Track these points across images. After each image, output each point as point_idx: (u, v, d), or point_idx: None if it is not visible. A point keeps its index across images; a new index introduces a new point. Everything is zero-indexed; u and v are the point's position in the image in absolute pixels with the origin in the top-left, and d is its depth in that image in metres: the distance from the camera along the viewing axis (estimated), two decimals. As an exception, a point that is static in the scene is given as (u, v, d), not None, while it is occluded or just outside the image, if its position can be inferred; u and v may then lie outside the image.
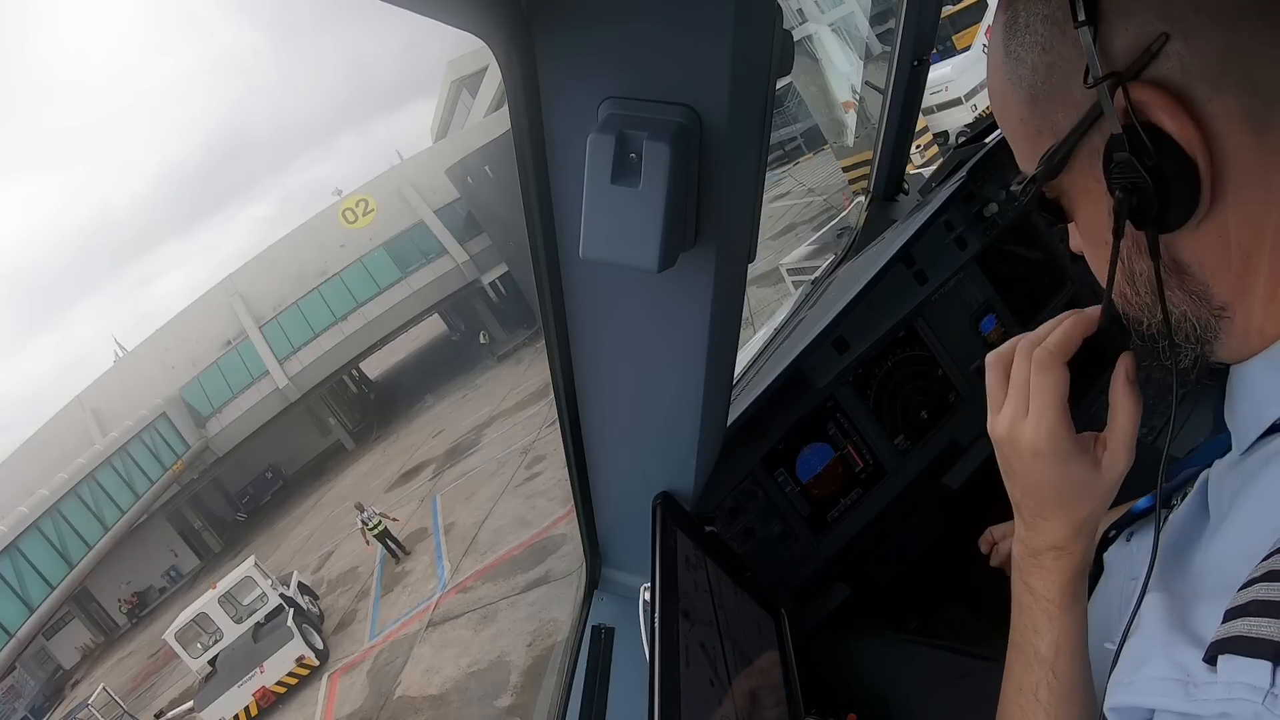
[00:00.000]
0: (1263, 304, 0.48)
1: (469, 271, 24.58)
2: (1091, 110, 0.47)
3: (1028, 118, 0.52)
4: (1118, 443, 0.60)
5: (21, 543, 18.58)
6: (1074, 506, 0.60)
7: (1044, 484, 0.60)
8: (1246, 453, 0.52)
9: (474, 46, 1.08)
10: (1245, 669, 0.39)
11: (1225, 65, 0.43)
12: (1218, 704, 0.41)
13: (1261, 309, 0.48)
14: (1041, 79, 0.50)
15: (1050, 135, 0.51)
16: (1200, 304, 0.50)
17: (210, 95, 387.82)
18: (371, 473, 20.63)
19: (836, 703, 1.24)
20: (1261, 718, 0.38)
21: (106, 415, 22.91)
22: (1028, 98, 0.51)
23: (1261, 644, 0.39)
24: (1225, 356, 0.52)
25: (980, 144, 1.80)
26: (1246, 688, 0.39)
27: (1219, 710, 0.41)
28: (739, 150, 0.64)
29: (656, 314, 0.79)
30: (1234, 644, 0.40)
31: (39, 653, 21.00)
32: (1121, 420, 0.60)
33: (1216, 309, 0.49)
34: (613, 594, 1.28)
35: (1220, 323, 0.50)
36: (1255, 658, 0.39)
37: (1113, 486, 0.60)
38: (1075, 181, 0.52)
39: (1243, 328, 0.49)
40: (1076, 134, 0.48)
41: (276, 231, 33.51)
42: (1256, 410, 0.50)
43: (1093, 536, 0.62)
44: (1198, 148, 0.44)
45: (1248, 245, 0.47)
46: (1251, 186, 0.45)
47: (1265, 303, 0.48)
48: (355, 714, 9.02)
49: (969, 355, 1.67)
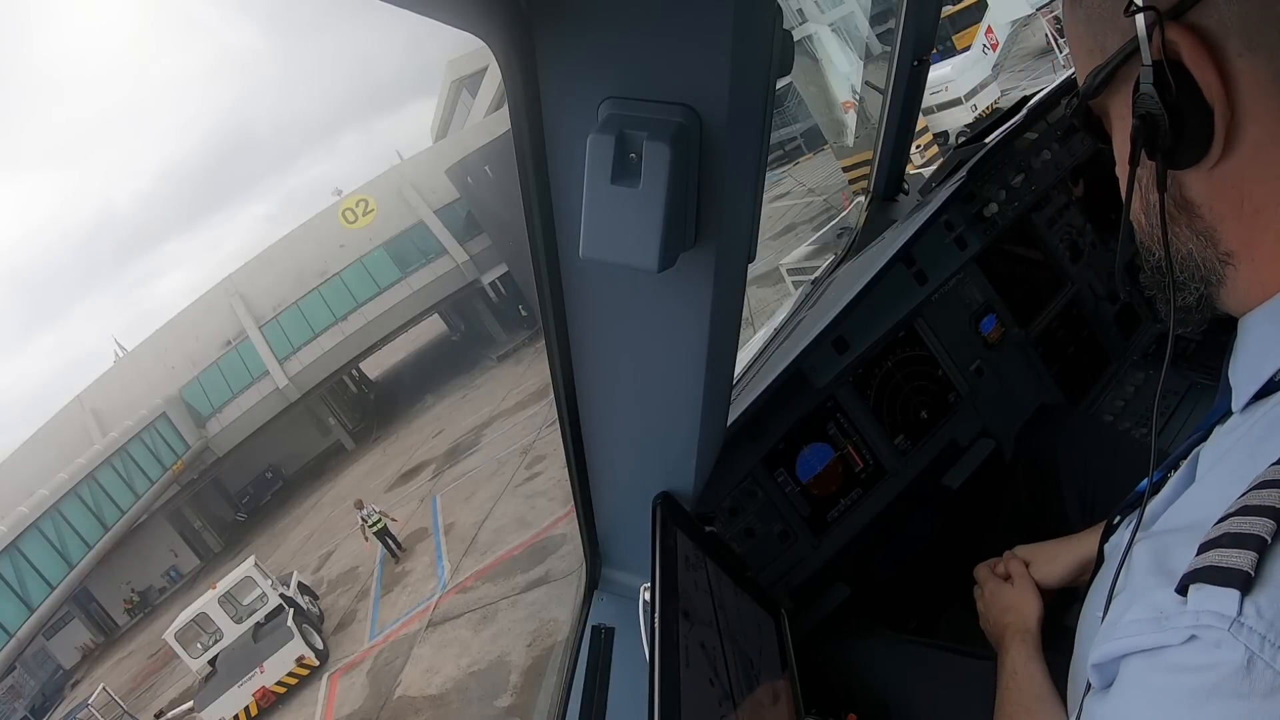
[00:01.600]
0: (1269, 260, 0.50)
1: (469, 271, 24.56)
2: (1131, 40, 0.49)
3: (1083, 36, 0.55)
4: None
5: (21, 543, 18.56)
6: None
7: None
8: (1244, 412, 0.53)
9: (474, 46, 1.08)
10: (1214, 597, 0.40)
11: (1264, 26, 0.45)
12: (1185, 630, 0.41)
13: (1268, 264, 0.50)
14: (1098, 2, 0.52)
15: (1099, 56, 0.53)
16: (1207, 245, 0.52)
17: (212, 93, 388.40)
18: (371, 473, 20.63)
19: (836, 703, 1.24)
20: (1224, 644, 0.39)
21: (106, 415, 22.89)
22: (1084, 17, 0.54)
23: (1231, 573, 0.40)
24: (1232, 306, 0.54)
25: (980, 144, 1.80)
26: (1214, 615, 0.40)
27: (1187, 635, 0.41)
28: (739, 150, 0.64)
29: (656, 314, 0.79)
30: (1204, 574, 0.41)
31: (39, 653, 20.98)
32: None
33: (1223, 254, 0.51)
34: (613, 594, 1.27)
35: (1225, 269, 0.52)
36: (1224, 586, 0.40)
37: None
38: (1113, 104, 0.55)
39: (1248, 279, 0.51)
40: (1117, 59, 0.51)
41: (278, 230, 33.48)
42: (1256, 361, 0.52)
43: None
44: (1216, 96, 0.46)
45: (1259, 201, 0.48)
46: (1272, 146, 0.46)
47: (1271, 260, 0.49)
48: (355, 714, 9.02)
49: (969, 355, 1.67)
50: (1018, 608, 1.03)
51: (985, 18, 15.54)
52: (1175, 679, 0.42)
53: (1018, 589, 1.06)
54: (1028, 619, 1.01)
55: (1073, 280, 1.83)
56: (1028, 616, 1.01)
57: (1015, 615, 1.03)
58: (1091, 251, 1.86)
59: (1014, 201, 1.73)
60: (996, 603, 1.07)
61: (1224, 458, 0.53)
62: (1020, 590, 1.05)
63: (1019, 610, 1.03)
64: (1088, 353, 1.83)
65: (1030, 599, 1.03)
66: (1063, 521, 1.38)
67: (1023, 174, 1.74)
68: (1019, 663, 0.96)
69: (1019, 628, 1.01)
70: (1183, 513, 0.53)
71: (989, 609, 1.09)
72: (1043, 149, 1.77)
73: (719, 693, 0.93)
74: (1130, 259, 0.63)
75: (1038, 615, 1.02)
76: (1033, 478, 1.49)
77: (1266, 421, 0.49)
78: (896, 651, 1.35)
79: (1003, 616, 1.05)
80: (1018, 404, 1.69)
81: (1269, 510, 0.41)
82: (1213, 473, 0.53)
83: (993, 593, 1.09)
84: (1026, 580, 1.06)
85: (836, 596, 1.53)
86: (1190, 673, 0.41)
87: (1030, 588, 1.05)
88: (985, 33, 15.28)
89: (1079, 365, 1.81)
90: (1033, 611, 1.02)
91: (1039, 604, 1.03)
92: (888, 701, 1.25)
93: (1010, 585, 1.08)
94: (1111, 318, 1.86)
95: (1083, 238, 1.86)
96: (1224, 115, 0.46)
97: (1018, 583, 1.07)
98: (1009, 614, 1.04)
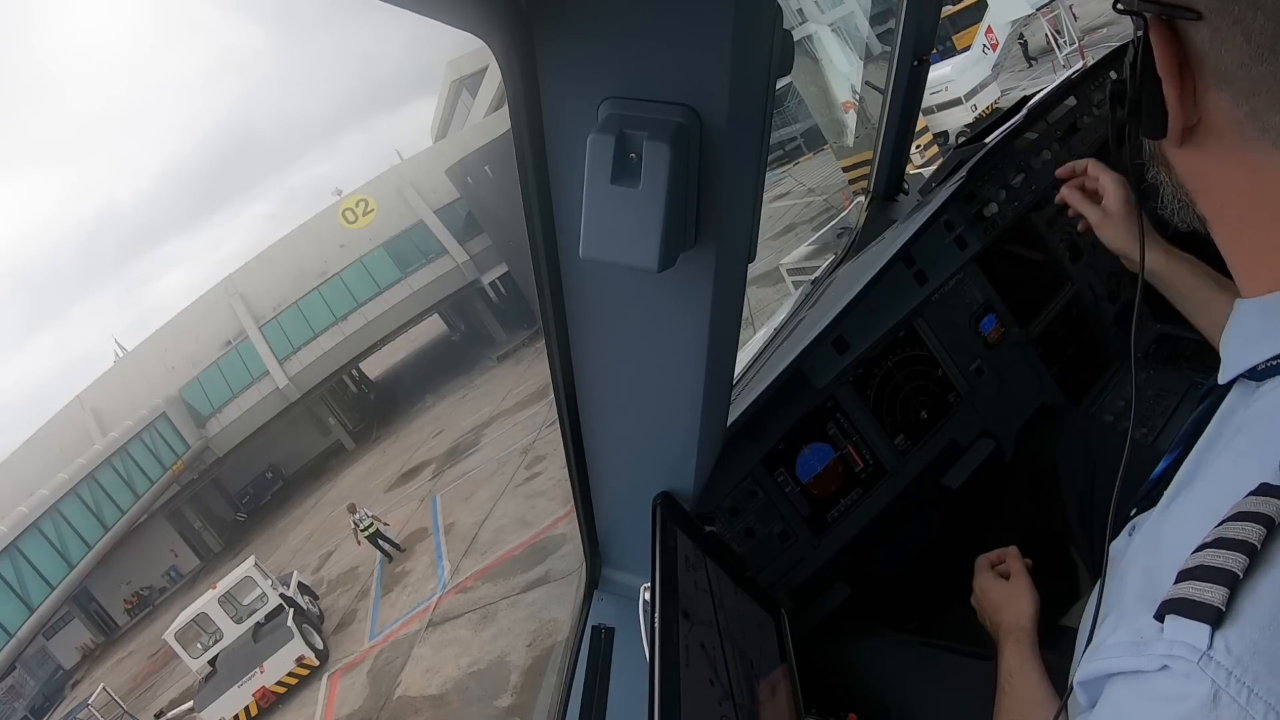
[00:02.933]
0: (1234, 240, 0.55)
1: (469, 271, 24.55)
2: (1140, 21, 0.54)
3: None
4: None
5: (21, 543, 18.55)
6: None
7: None
8: (1240, 392, 0.56)
9: (474, 46, 1.08)
10: (1187, 630, 0.42)
11: (1239, 73, 0.47)
12: (1160, 658, 0.43)
13: (1234, 243, 0.56)
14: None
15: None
16: (1187, 203, 0.58)
17: (213, 91, 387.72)
18: (371, 473, 20.62)
19: (836, 703, 1.25)
20: (1193, 676, 0.41)
21: (106, 415, 22.88)
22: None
23: (1204, 608, 0.42)
24: (1222, 252, 0.58)
25: (980, 144, 1.80)
26: (1186, 647, 0.42)
27: (1160, 664, 0.43)
28: (739, 150, 0.64)
29: (656, 314, 0.79)
30: (1179, 605, 0.43)
31: (39, 653, 20.97)
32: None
33: (1199, 216, 0.57)
34: (613, 594, 1.27)
35: (1205, 225, 0.57)
36: (1197, 620, 0.42)
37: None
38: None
39: (1224, 244, 0.56)
40: (1138, 28, 0.55)
41: (280, 229, 33.38)
42: (1244, 346, 0.55)
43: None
44: (1175, 107, 0.51)
45: (1221, 193, 0.53)
46: (1236, 167, 0.50)
47: (1235, 241, 0.55)
48: (355, 714, 9.01)
49: (969, 355, 1.67)
50: (1011, 604, 1.03)
51: (985, 18, 15.55)
52: (1150, 708, 0.44)
53: (1012, 585, 1.06)
54: (1021, 616, 1.01)
55: (1073, 280, 1.83)
56: (1021, 614, 1.01)
57: (1009, 613, 1.03)
58: (1091, 251, 1.86)
59: (1014, 201, 1.73)
60: (989, 598, 1.07)
61: (1204, 463, 0.56)
62: (1015, 587, 1.05)
63: (1012, 607, 1.03)
64: (1088, 353, 1.83)
65: (1024, 596, 1.03)
66: (1062, 521, 1.38)
67: (1023, 174, 1.74)
68: (1015, 664, 0.96)
69: (1013, 625, 1.01)
70: (1168, 531, 0.53)
71: (981, 604, 1.09)
72: (1043, 149, 1.77)
73: (719, 693, 0.93)
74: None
75: (1031, 613, 1.01)
76: (1033, 478, 1.49)
77: (1257, 429, 0.51)
78: (896, 651, 1.35)
79: (996, 614, 1.05)
80: (1018, 404, 1.69)
81: (1242, 545, 0.42)
82: (1198, 481, 0.55)
83: (984, 588, 1.09)
84: (1023, 578, 1.06)
85: (836, 596, 1.54)
86: (1163, 702, 0.43)
87: (1026, 586, 1.05)
88: (985, 33, 15.30)
89: (1079, 365, 1.81)
90: (1026, 609, 1.02)
91: (1033, 602, 1.03)
92: (888, 701, 1.25)
93: (1005, 581, 1.08)
94: (1111, 318, 1.86)
95: (1083, 238, 1.86)
96: (1179, 121, 0.51)
97: (1014, 580, 1.07)
98: (1002, 611, 1.04)
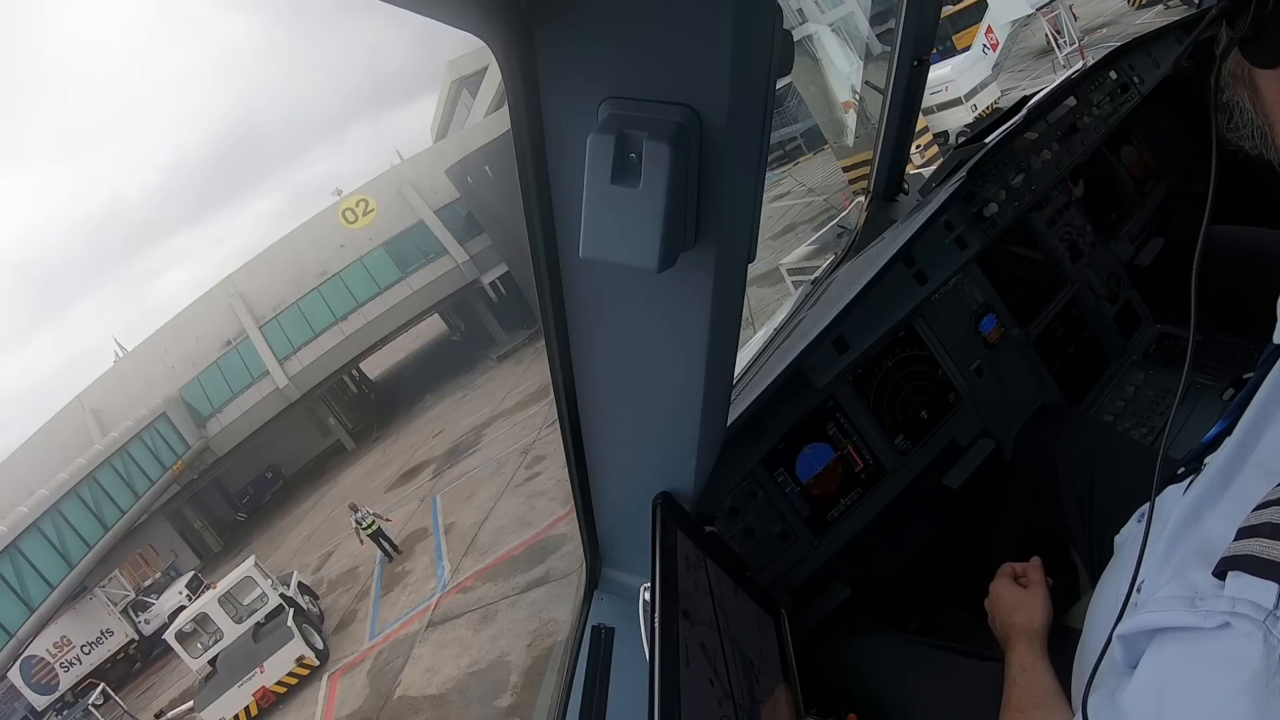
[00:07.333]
0: None
1: (469, 271, 24.54)
2: None
3: None
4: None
5: (21, 543, 18.53)
6: None
7: None
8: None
9: (475, 46, 1.08)
10: (1252, 587, 0.41)
11: None
12: (1221, 616, 0.42)
13: None
14: None
15: None
16: (1267, 125, 0.54)
17: (220, 86, 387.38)
18: (371, 473, 20.61)
19: (836, 703, 1.24)
20: (1255, 636, 0.40)
21: (106, 415, 22.87)
22: None
23: (1271, 566, 0.40)
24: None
25: (980, 144, 1.80)
26: (1251, 605, 0.40)
27: (1221, 621, 0.42)
28: (739, 150, 0.64)
29: (656, 314, 0.79)
30: (1244, 562, 0.42)
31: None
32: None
33: (1277, 147, 0.53)
34: (613, 594, 1.27)
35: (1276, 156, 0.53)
36: (1264, 578, 0.40)
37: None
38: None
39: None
40: None
41: (285, 225, 33.39)
42: None
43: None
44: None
45: None
46: None
47: None
48: (355, 714, 9.01)
49: (969, 355, 1.67)
50: (1026, 609, 1.07)
51: (985, 18, 15.54)
52: (1204, 676, 0.42)
53: (1029, 593, 1.10)
54: (1035, 620, 1.05)
55: (1072, 280, 1.83)
56: (1035, 618, 1.05)
57: (1023, 615, 1.06)
58: (1091, 251, 1.86)
59: (1014, 201, 1.73)
60: (1004, 601, 1.11)
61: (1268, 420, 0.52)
62: (1032, 595, 1.09)
63: (1027, 611, 1.07)
64: (1088, 353, 1.83)
65: (1040, 605, 1.08)
66: (1062, 521, 1.38)
67: (1023, 174, 1.74)
68: (1028, 660, 0.98)
69: (1025, 628, 1.04)
70: (1228, 492, 0.52)
71: (997, 605, 1.12)
72: (1043, 149, 1.77)
73: (719, 693, 0.93)
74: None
75: (1045, 621, 1.05)
76: (1033, 478, 1.49)
77: None
78: (896, 651, 1.35)
79: (1010, 615, 1.08)
80: (1018, 404, 1.69)
81: None
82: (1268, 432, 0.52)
83: (1000, 592, 1.13)
84: (1041, 588, 1.11)
85: (836, 596, 1.53)
86: (1221, 667, 0.41)
87: (1043, 596, 1.09)
88: (985, 33, 15.29)
89: (1079, 365, 1.81)
90: (1040, 615, 1.06)
91: (1047, 612, 1.07)
92: (888, 701, 1.25)
93: (1022, 588, 1.12)
94: (1111, 318, 1.86)
95: (1083, 238, 1.86)
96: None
97: (1032, 589, 1.11)
98: (1017, 613, 1.07)
